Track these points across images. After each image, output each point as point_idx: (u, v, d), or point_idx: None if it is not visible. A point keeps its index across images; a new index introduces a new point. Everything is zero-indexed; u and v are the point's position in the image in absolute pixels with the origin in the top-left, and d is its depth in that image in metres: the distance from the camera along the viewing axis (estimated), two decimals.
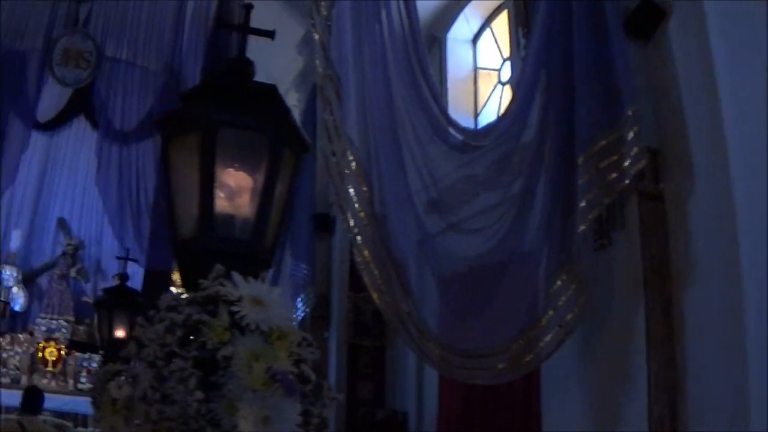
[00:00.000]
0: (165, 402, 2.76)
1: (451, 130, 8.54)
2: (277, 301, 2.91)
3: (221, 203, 2.99)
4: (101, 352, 9.93)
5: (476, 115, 10.74)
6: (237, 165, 3.04)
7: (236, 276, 2.87)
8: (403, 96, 8.85)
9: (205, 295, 2.80)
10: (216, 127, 2.99)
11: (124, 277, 8.88)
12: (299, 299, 11.52)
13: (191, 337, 2.79)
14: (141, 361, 2.90)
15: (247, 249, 3.04)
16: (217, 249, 2.97)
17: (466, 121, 9.74)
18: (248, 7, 3.53)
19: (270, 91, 3.21)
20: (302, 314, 11.52)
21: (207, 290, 2.83)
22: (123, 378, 7.60)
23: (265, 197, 3.04)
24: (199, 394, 2.68)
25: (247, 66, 3.30)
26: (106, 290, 9.04)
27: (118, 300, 8.19)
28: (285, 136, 3.12)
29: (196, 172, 2.98)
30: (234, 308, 2.79)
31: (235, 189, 3.02)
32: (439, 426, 9.29)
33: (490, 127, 8.38)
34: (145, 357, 2.83)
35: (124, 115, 13.97)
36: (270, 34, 3.49)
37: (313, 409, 2.93)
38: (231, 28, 8.06)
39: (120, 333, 7.93)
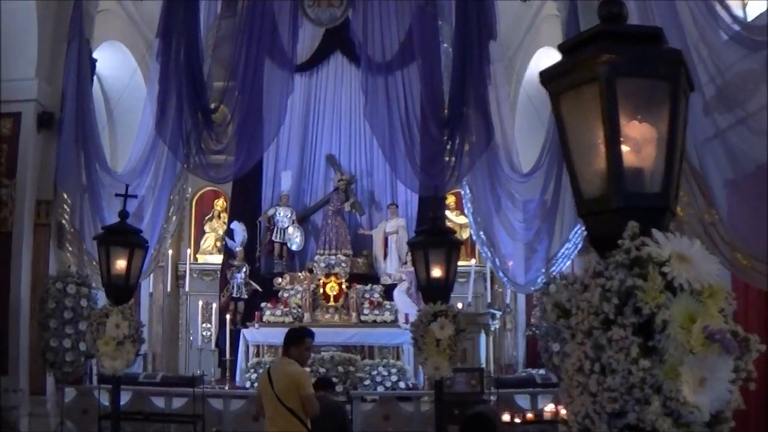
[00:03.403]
0: (604, 373, 2.70)
1: (731, 23, 8.19)
2: (701, 256, 2.76)
3: (629, 157, 2.86)
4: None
5: (743, 6, 10.18)
6: (640, 116, 2.89)
7: (658, 234, 2.74)
8: None
9: (634, 257, 2.69)
10: (614, 78, 2.85)
11: (437, 217, 8.82)
12: None
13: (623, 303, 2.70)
14: (567, 329, 2.85)
15: (658, 202, 2.90)
16: (629, 206, 2.84)
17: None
18: None
19: (656, 34, 3.02)
20: None
21: (630, 251, 2.72)
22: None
23: (670, 146, 2.89)
24: (645, 363, 2.60)
25: (621, 9, 3.11)
26: (418, 232, 9.07)
27: (433, 239, 8.25)
28: (681, 79, 2.94)
29: (599, 127, 2.86)
30: (665, 269, 2.67)
31: (641, 141, 2.88)
32: None
33: None
34: (577, 326, 2.77)
35: (384, 45, 13.99)
36: None
37: (740, 363, 2.78)
38: None
39: (437, 272, 8.01)
